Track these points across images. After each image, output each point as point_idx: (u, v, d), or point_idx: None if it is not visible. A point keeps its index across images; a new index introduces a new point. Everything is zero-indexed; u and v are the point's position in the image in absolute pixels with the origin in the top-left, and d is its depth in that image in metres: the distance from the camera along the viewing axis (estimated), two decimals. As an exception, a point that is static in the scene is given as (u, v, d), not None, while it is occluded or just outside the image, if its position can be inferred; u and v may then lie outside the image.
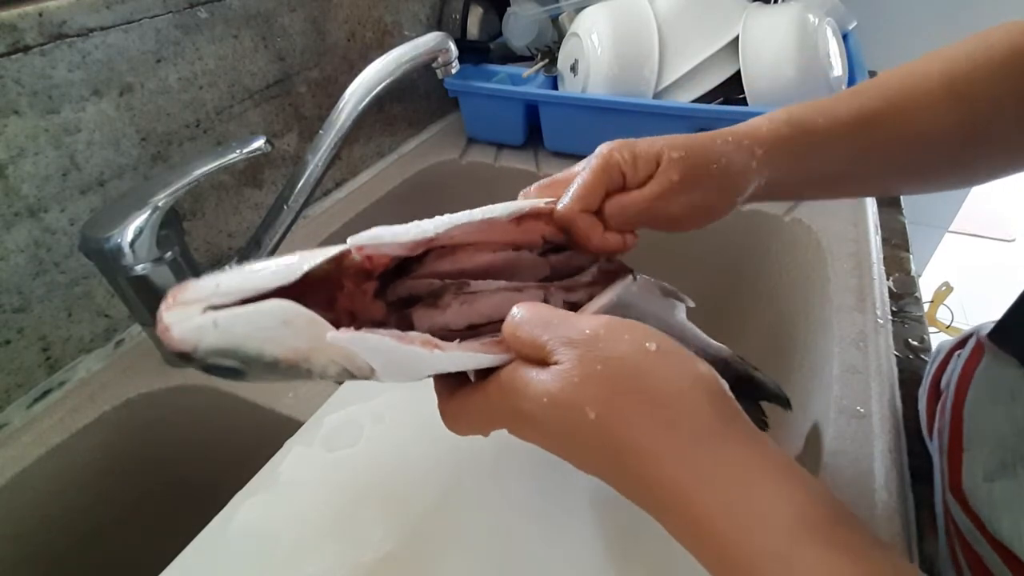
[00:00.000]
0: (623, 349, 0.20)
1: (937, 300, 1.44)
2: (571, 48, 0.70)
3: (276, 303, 0.21)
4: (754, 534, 0.17)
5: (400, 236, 0.24)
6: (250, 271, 0.22)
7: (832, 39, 0.63)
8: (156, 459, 0.46)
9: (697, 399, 0.19)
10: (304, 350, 0.21)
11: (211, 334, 0.20)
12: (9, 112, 0.39)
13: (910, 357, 0.44)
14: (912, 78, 0.31)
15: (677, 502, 0.18)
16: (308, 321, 0.21)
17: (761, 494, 0.18)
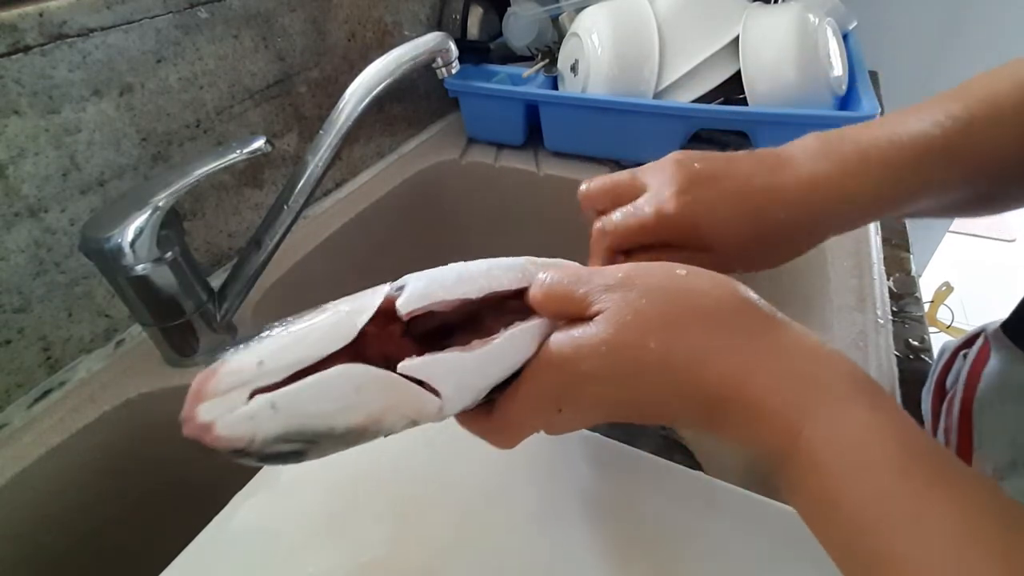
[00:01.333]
0: (658, 279, 0.21)
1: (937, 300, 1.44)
2: (571, 48, 0.70)
3: (345, 369, 0.19)
4: (799, 396, 0.19)
5: (446, 295, 0.22)
6: (291, 338, 0.19)
7: (832, 39, 0.63)
8: (156, 459, 0.46)
9: (735, 303, 0.21)
10: (379, 411, 0.19)
11: (270, 421, 0.18)
12: (9, 112, 0.39)
13: (910, 357, 0.44)
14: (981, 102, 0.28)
15: (731, 392, 0.20)
16: (382, 380, 0.19)
17: (802, 366, 0.20)
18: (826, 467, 0.18)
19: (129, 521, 0.46)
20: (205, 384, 0.18)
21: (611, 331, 0.20)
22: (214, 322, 0.45)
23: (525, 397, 0.22)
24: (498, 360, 0.22)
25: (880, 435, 0.18)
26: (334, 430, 0.19)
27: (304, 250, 0.58)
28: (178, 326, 0.43)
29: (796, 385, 0.19)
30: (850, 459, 0.18)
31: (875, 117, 0.56)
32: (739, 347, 0.20)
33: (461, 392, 0.21)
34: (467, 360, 0.21)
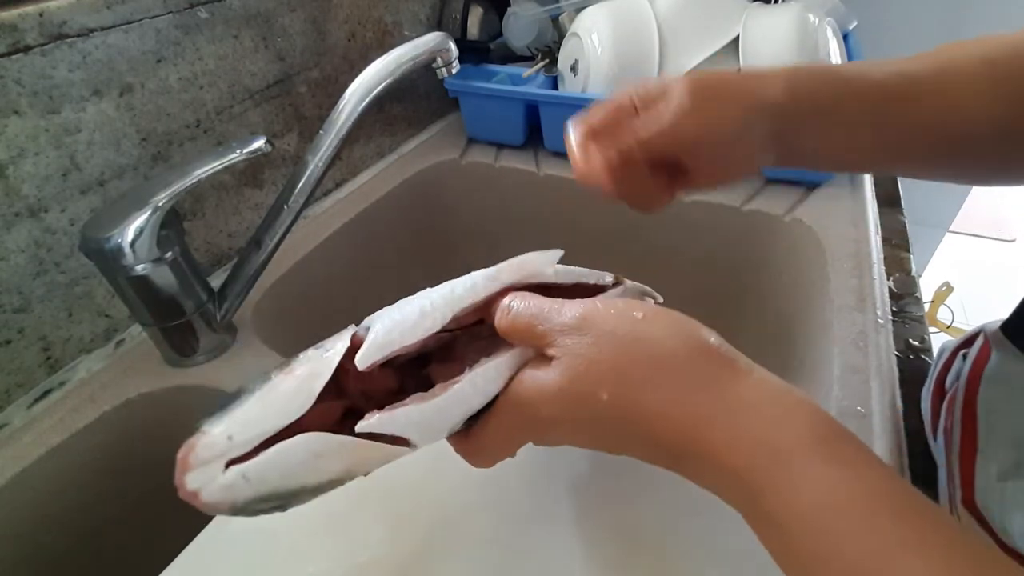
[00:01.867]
0: (612, 324, 0.21)
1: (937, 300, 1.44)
2: (571, 48, 0.70)
3: (301, 440, 0.20)
4: (756, 460, 0.18)
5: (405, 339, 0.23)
6: (256, 410, 0.21)
7: (832, 39, 0.63)
8: (156, 459, 0.46)
9: (692, 350, 0.21)
10: (342, 470, 0.21)
11: (244, 488, 0.20)
12: (9, 112, 0.39)
13: (910, 357, 0.44)
14: (949, 54, 0.30)
15: (687, 446, 0.19)
16: (339, 444, 0.21)
17: (759, 425, 0.19)
18: (787, 528, 0.18)
19: (129, 521, 0.46)
20: (187, 456, 0.21)
21: (565, 380, 0.21)
22: (214, 322, 0.45)
23: (495, 430, 0.23)
24: (460, 403, 0.22)
25: (844, 494, 0.17)
26: (305, 488, 0.21)
27: (304, 250, 0.58)
28: (178, 326, 0.43)
29: (753, 447, 0.19)
30: (811, 522, 0.17)
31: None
32: (693, 400, 0.20)
33: (428, 434, 0.22)
34: (426, 409, 0.22)
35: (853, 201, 0.59)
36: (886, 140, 0.31)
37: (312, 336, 0.60)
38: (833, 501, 0.17)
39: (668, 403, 0.20)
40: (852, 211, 0.58)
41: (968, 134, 0.30)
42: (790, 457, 0.18)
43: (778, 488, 0.18)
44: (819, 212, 0.58)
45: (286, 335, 0.52)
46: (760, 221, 0.61)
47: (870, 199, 0.60)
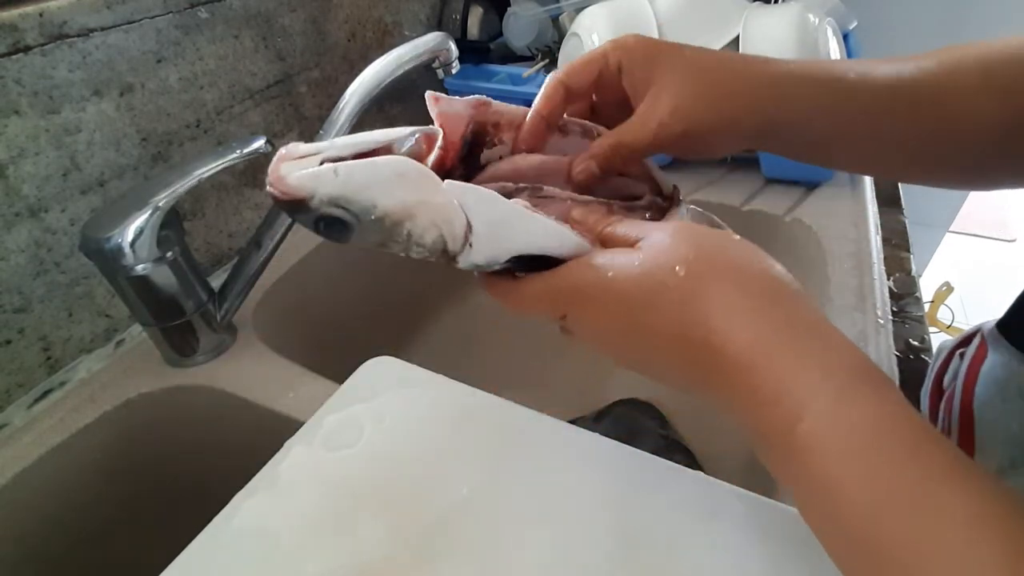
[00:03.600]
0: (703, 232, 0.23)
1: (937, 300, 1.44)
2: (571, 48, 0.70)
3: (394, 157, 0.23)
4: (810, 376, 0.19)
5: (462, 101, 0.26)
6: (358, 136, 0.24)
7: (832, 39, 0.63)
8: (156, 459, 0.46)
9: (767, 268, 0.22)
10: (412, 204, 0.22)
11: (331, 182, 0.21)
12: (10, 112, 0.39)
13: (910, 357, 0.44)
14: (947, 59, 0.30)
15: (737, 351, 0.20)
16: (421, 173, 0.23)
17: (814, 347, 0.20)
18: (830, 449, 0.18)
19: (129, 521, 0.46)
20: (288, 151, 0.22)
21: (647, 255, 0.22)
22: (214, 322, 0.45)
23: (556, 280, 0.24)
24: (528, 228, 0.23)
25: (888, 422, 0.18)
26: (375, 207, 0.22)
27: (304, 250, 0.58)
28: (178, 326, 0.43)
29: (806, 364, 0.19)
30: (855, 442, 0.18)
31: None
32: (758, 309, 0.20)
33: (487, 235, 0.23)
34: (501, 206, 0.23)
35: (853, 201, 0.59)
36: (884, 147, 0.31)
37: (312, 336, 0.60)
38: (878, 425, 0.18)
39: (733, 303, 0.20)
40: (852, 211, 0.58)
41: (966, 141, 0.30)
42: (838, 381, 0.19)
43: (824, 406, 0.18)
44: (819, 212, 0.58)
45: (286, 335, 0.52)
46: (760, 221, 0.61)
47: (870, 199, 0.60)
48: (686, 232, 0.22)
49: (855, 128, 0.30)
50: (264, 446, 0.33)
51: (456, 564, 0.27)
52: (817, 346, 0.20)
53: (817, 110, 0.29)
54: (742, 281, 0.21)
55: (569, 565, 0.27)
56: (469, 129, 0.27)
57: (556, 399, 0.66)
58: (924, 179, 0.34)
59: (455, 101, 0.27)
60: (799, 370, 0.19)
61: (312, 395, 0.41)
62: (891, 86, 0.29)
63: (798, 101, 0.29)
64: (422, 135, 0.27)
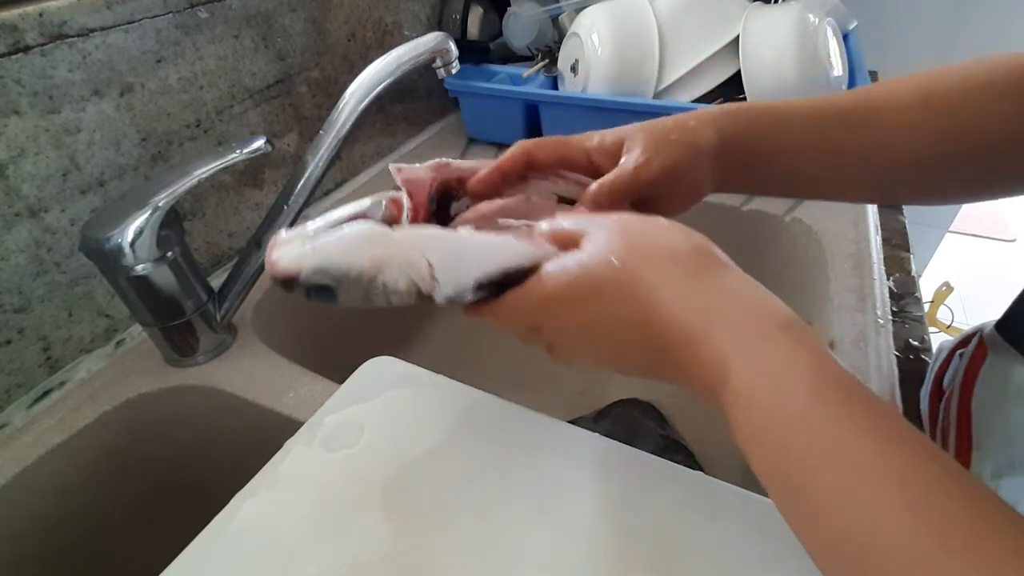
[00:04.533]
0: (635, 220, 0.26)
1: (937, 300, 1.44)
2: (571, 48, 0.70)
3: (357, 223, 0.27)
4: (735, 332, 0.21)
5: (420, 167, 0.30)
6: (332, 214, 0.29)
7: (832, 39, 0.63)
8: (156, 459, 0.46)
9: (695, 246, 0.24)
10: (380, 258, 0.26)
11: (310, 257, 0.26)
12: (10, 112, 0.39)
13: (910, 357, 0.44)
14: (885, 87, 0.33)
15: (675, 320, 0.22)
16: (382, 233, 0.26)
17: (739, 307, 0.22)
18: (752, 396, 0.20)
19: (129, 521, 0.46)
20: (278, 240, 0.27)
21: (588, 252, 0.24)
22: (214, 322, 0.45)
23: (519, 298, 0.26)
24: (476, 250, 0.26)
25: (800, 368, 0.20)
26: (352, 270, 0.25)
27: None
28: (178, 326, 0.43)
29: (732, 321, 0.22)
30: (772, 389, 0.20)
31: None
32: (690, 283, 0.23)
33: (447, 267, 0.26)
34: (446, 238, 0.26)
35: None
36: (826, 169, 0.33)
37: (312, 336, 0.60)
38: (792, 372, 0.20)
39: (669, 281, 0.23)
40: (852, 211, 0.58)
41: (903, 163, 0.32)
42: (758, 333, 0.21)
43: (746, 356, 0.21)
44: (819, 212, 0.58)
45: (286, 335, 0.52)
46: (760, 221, 0.61)
47: (870, 199, 0.60)
48: (618, 224, 0.25)
49: (795, 144, 0.33)
50: (264, 446, 0.33)
51: (456, 564, 0.27)
52: (740, 310, 0.22)
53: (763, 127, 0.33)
54: (672, 260, 0.24)
55: (569, 565, 0.27)
56: (434, 188, 0.31)
57: (556, 399, 0.66)
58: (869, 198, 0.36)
59: (416, 168, 0.30)
60: (726, 333, 0.21)
61: (312, 395, 0.41)
62: (822, 107, 0.33)
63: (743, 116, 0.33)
64: (390, 200, 0.30)
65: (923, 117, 0.32)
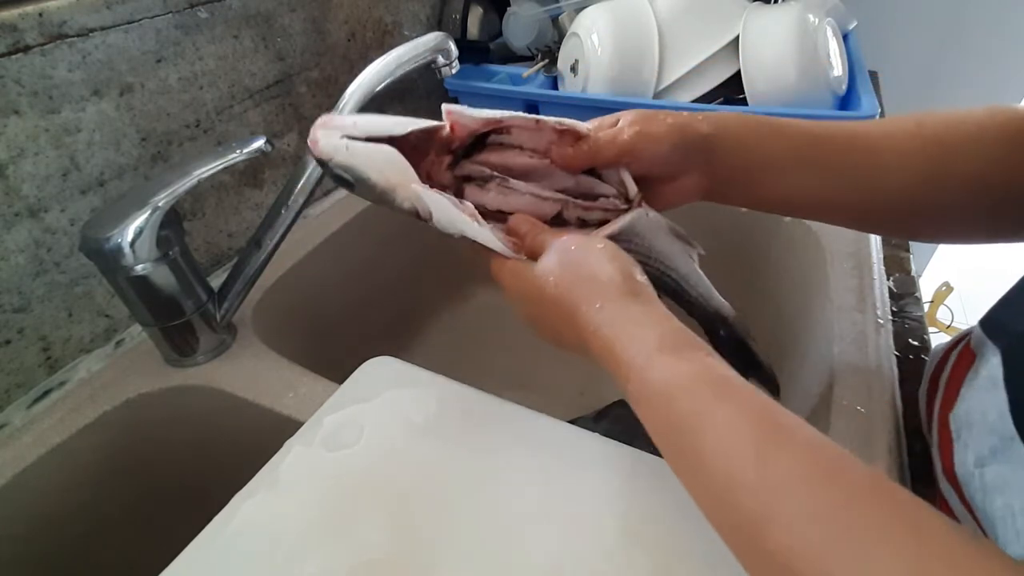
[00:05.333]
0: (580, 248, 0.31)
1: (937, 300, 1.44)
2: (571, 48, 0.70)
3: (387, 148, 0.30)
4: (634, 349, 0.27)
5: (477, 114, 0.33)
6: (377, 120, 0.31)
7: (832, 39, 0.63)
8: (156, 459, 0.46)
9: (616, 275, 0.29)
10: (394, 184, 0.31)
11: (342, 154, 0.30)
12: (9, 112, 0.39)
13: (910, 357, 0.44)
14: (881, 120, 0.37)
15: (591, 334, 0.28)
16: (402, 167, 0.31)
17: (638, 328, 0.27)
18: (645, 400, 0.26)
19: (129, 521, 0.46)
20: (327, 119, 0.31)
21: (537, 269, 0.31)
22: (214, 322, 0.45)
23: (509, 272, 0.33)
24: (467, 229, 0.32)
25: (683, 370, 0.25)
26: (368, 179, 0.30)
27: (304, 250, 0.58)
28: (178, 326, 0.43)
29: (633, 342, 0.27)
30: (658, 394, 0.25)
31: (875, 117, 0.56)
32: (603, 305, 0.28)
33: (441, 222, 0.32)
34: (449, 211, 0.31)
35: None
36: (817, 189, 0.36)
37: (312, 336, 0.60)
38: (676, 380, 0.25)
39: (586, 301, 0.29)
40: (852, 211, 0.58)
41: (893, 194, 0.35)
42: (652, 349, 0.26)
43: (641, 368, 0.26)
44: (819, 212, 0.58)
45: (286, 335, 0.53)
46: (760, 221, 0.61)
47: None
48: (561, 250, 0.31)
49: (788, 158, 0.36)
50: (264, 446, 0.33)
51: (456, 564, 0.27)
52: (641, 328, 0.27)
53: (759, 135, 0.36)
54: (593, 285, 0.29)
55: (569, 565, 0.27)
56: (476, 131, 0.34)
57: (556, 399, 0.66)
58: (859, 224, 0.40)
59: (467, 115, 0.33)
60: (629, 346, 0.27)
61: (312, 395, 0.41)
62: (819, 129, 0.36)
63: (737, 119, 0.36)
64: (436, 128, 0.33)
65: (916, 147, 0.34)
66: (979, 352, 0.33)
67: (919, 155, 0.34)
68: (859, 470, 0.21)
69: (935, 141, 0.34)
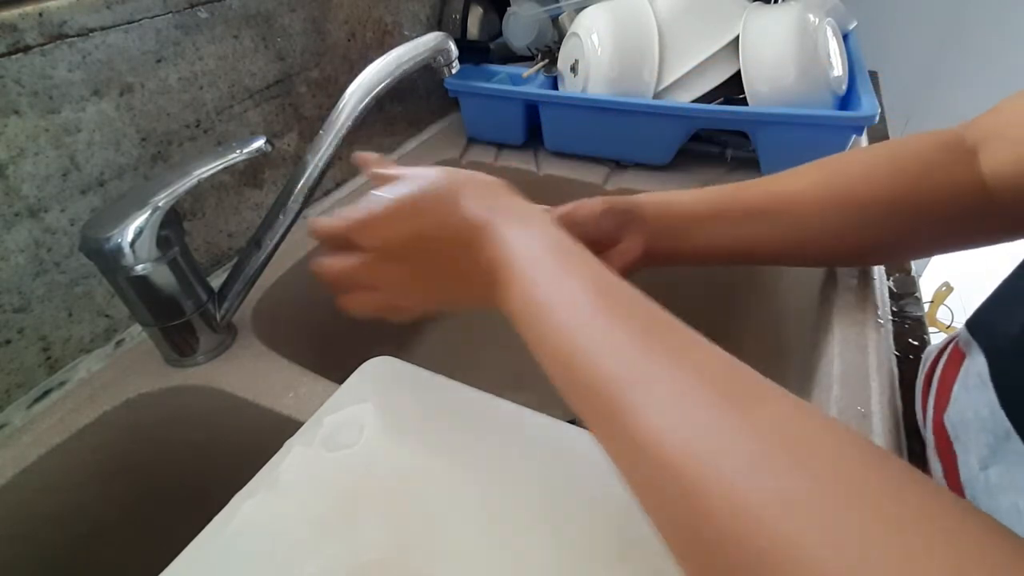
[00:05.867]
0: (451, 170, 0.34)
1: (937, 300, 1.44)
2: (571, 48, 0.70)
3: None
4: (515, 231, 0.29)
5: None
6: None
7: (832, 39, 0.63)
8: (156, 459, 0.46)
9: (492, 181, 0.33)
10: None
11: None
12: (9, 112, 0.39)
13: (910, 357, 0.44)
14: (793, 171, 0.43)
15: (479, 221, 0.30)
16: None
17: (520, 219, 0.30)
18: (525, 277, 0.28)
19: (129, 521, 0.46)
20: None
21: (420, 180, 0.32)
22: (214, 322, 0.45)
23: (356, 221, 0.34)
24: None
25: (552, 256, 0.28)
26: None
27: (304, 250, 0.58)
28: (178, 326, 0.43)
29: (516, 237, 0.29)
30: (537, 271, 0.27)
31: (875, 117, 0.56)
32: (491, 201, 0.31)
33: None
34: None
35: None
36: (737, 235, 0.41)
37: (312, 336, 0.60)
38: (544, 260, 0.28)
39: (472, 197, 0.31)
40: (852, 211, 0.58)
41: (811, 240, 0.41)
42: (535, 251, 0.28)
43: (520, 248, 0.29)
44: (819, 212, 0.58)
45: (286, 335, 0.52)
46: (760, 221, 0.61)
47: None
48: (440, 168, 0.33)
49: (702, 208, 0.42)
50: (264, 446, 0.33)
51: (456, 564, 0.27)
52: (524, 225, 0.30)
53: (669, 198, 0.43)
54: (480, 186, 0.32)
55: (569, 565, 0.27)
56: None
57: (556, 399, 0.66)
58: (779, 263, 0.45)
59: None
60: (512, 240, 0.29)
61: (312, 395, 0.41)
62: (728, 188, 0.42)
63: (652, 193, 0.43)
64: None
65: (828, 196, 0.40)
66: (967, 352, 0.33)
67: (831, 204, 0.39)
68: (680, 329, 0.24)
69: (848, 175, 0.40)
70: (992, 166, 0.36)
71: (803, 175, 0.41)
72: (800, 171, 0.42)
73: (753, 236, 0.41)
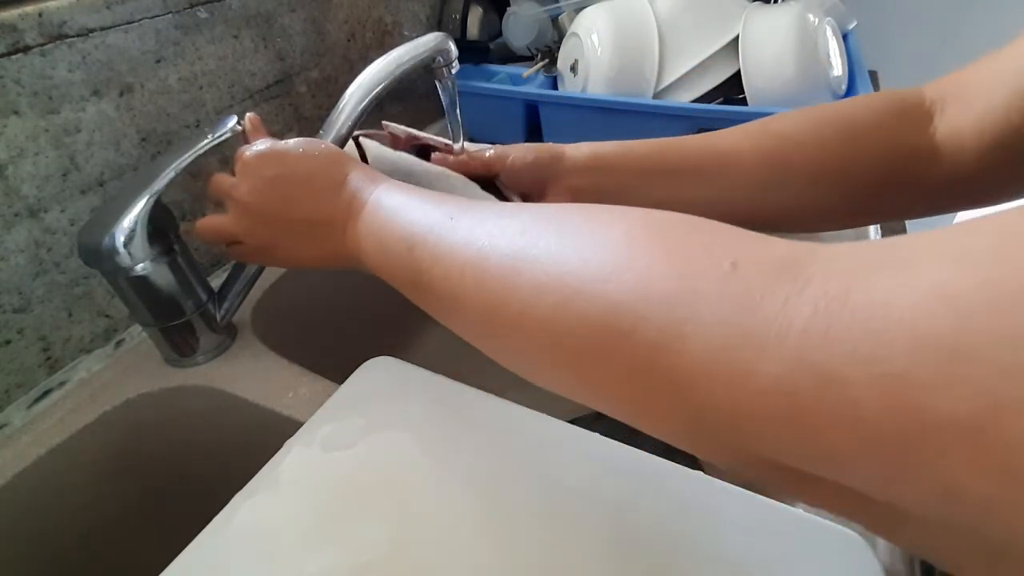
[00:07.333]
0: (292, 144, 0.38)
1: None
2: (571, 48, 0.70)
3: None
4: (362, 191, 0.34)
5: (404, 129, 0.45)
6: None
7: (832, 39, 0.63)
8: (156, 459, 0.46)
9: (321, 164, 0.36)
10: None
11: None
12: (9, 112, 0.39)
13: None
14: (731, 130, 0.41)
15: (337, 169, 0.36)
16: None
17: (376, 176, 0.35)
18: (380, 201, 0.33)
19: (129, 521, 0.46)
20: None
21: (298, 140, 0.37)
22: (214, 322, 0.45)
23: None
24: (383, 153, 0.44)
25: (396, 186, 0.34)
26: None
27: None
28: (178, 326, 0.43)
29: (371, 174, 0.35)
30: (392, 195, 0.33)
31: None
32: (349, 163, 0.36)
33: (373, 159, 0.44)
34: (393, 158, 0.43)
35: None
36: (661, 197, 0.40)
37: (312, 336, 0.60)
38: (397, 188, 0.33)
39: (304, 190, 0.35)
40: (852, 211, 0.57)
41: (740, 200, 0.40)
42: (389, 181, 0.34)
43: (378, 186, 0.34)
44: (819, 212, 0.58)
45: (286, 335, 0.52)
46: (760, 221, 0.61)
47: (870, 199, 0.59)
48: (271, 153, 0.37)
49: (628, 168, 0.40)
50: (264, 446, 0.33)
51: (455, 564, 0.27)
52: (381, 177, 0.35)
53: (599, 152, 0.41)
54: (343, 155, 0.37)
55: (569, 565, 0.27)
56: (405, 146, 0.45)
57: (556, 399, 0.66)
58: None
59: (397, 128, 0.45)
60: (368, 179, 0.34)
61: (312, 395, 0.41)
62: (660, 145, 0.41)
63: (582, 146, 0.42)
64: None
65: (761, 152, 0.38)
66: None
67: (763, 160, 0.38)
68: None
69: (780, 136, 0.38)
70: (952, 126, 0.35)
71: (742, 131, 0.40)
72: (742, 127, 0.40)
73: (683, 192, 0.40)
